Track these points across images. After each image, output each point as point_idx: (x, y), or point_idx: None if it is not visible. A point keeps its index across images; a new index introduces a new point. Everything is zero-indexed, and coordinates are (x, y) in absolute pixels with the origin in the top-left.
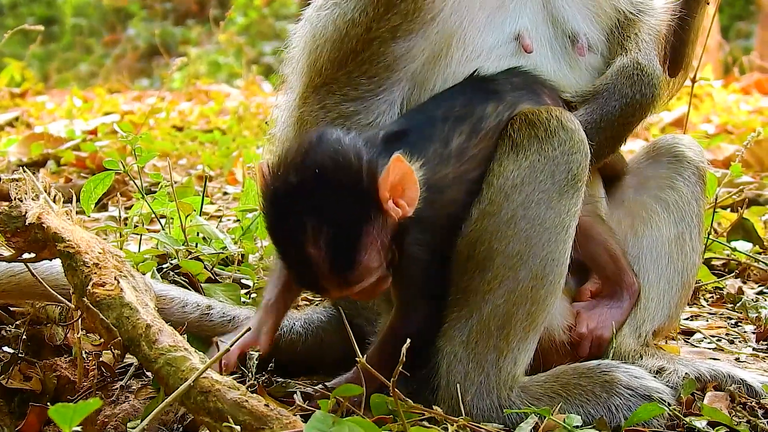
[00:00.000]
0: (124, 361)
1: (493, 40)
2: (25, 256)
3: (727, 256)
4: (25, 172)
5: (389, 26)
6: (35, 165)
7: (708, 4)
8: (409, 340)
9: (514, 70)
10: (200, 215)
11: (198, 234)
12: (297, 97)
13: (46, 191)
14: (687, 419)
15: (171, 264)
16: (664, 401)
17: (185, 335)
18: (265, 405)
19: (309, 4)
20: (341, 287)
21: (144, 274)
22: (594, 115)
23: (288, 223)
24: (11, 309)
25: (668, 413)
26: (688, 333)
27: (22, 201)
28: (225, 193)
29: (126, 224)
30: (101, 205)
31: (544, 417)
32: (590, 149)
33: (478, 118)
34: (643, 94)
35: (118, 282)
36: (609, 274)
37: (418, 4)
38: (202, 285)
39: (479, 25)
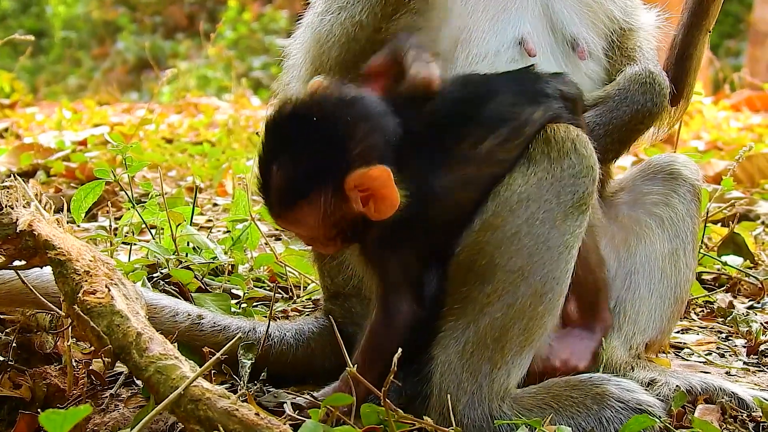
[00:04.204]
0: (114, 369)
1: (497, 44)
2: (16, 263)
3: (718, 270)
4: (16, 179)
5: (398, 27)
6: (25, 175)
7: (710, 33)
8: (400, 350)
9: (562, 75)
10: (191, 225)
11: (188, 244)
12: None
13: (37, 199)
14: None
15: (161, 273)
16: (655, 414)
17: (176, 344)
18: (255, 414)
19: (308, 3)
20: (278, 218)
21: (135, 283)
22: (603, 118)
23: (272, 146)
24: (1, 316)
25: (659, 426)
26: (679, 346)
27: (13, 208)
28: (215, 205)
29: (116, 234)
30: (91, 215)
31: (535, 428)
32: (599, 152)
33: (521, 122)
34: (654, 102)
35: (109, 290)
36: (588, 305)
37: (429, 2)
38: (193, 294)
39: (483, 28)
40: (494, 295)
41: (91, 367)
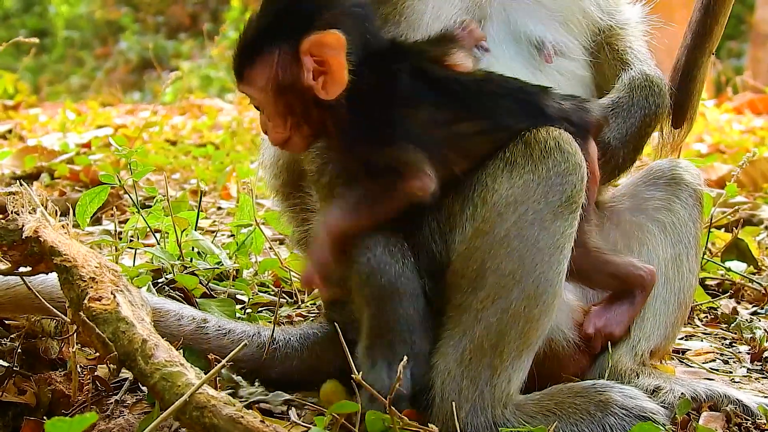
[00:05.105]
0: (119, 375)
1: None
2: (21, 269)
3: (722, 276)
4: (22, 185)
5: None
6: (29, 178)
7: (713, 55)
8: (405, 358)
9: (580, 100)
10: (195, 230)
11: (193, 249)
12: None
13: (42, 205)
14: None
15: (166, 279)
16: (659, 422)
17: (181, 350)
18: (260, 421)
19: None
20: (237, 75)
21: (139, 289)
22: (621, 131)
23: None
24: (6, 322)
25: None
26: (683, 352)
27: (18, 214)
28: (219, 208)
29: (121, 238)
30: (95, 219)
31: None
32: (618, 164)
33: (503, 126)
34: (657, 104)
35: (115, 296)
36: (612, 283)
37: (398, 10)
38: (197, 300)
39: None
40: (488, 300)
41: (96, 373)
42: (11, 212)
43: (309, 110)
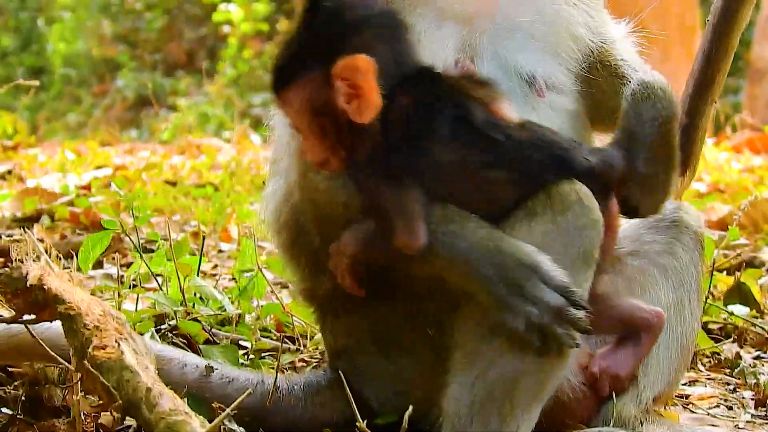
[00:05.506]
0: (124, 423)
1: None
2: (26, 317)
3: (724, 320)
4: (26, 232)
5: None
6: (29, 220)
7: (715, 103)
8: (411, 408)
9: (605, 152)
10: (198, 275)
11: (195, 294)
12: (299, 176)
13: (46, 252)
14: None
15: (169, 325)
16: None
17: (185, 398)
18: None
19: None
20: (275, 95)
21: (142, 335)
22: (645, 153)
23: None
24: (10, 369)
25: None
26: (687, 398)
27: (23, 262)
28: (220, 251)
29: (123, 282)
30: (97, 262)
31: None
32: (659, 182)
33: (536, 187)
34: (666, 107)
35: (119, 345)
36: (618, 327)
37: None
38: (201, 346)
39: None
40: (504, 348)
41: (99, 421)
42: (15, 259)
43: (344, 133)
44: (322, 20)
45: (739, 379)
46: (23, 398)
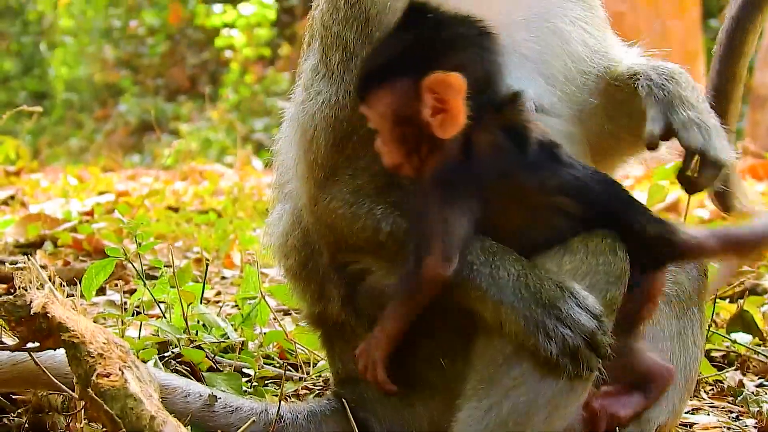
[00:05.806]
0: None
1: None
2: (30, 345)
3: (727, 348)
4: (29, 259)
5: None
6: (32, 246)
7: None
8: None
9: (648, 213)
10: (201, 302)
11: (198, 321)
12: (309, 199)
13: (50, 279)
14: None
15: (172, 352)
16: None
17: (189, 427)
18: None
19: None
20: (359, 96)
21: (145, 362)
22: (681, 114)
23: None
24: (13, 397)
25: None
26: (690, 426)
27: (26, 289)
28: (223, 278)
29: (126, 310)
30: (100, 289)
31: None
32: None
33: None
34: (673, 69)
35: (123, 373)
36: (628, 375)
37: None
38: (204, 374)
39: None
40: (520, 379)
41: None
42: (19, 287)
43: (422, 144)
44: (422, 31)
45: (742, 407)
46: (27, 426)
